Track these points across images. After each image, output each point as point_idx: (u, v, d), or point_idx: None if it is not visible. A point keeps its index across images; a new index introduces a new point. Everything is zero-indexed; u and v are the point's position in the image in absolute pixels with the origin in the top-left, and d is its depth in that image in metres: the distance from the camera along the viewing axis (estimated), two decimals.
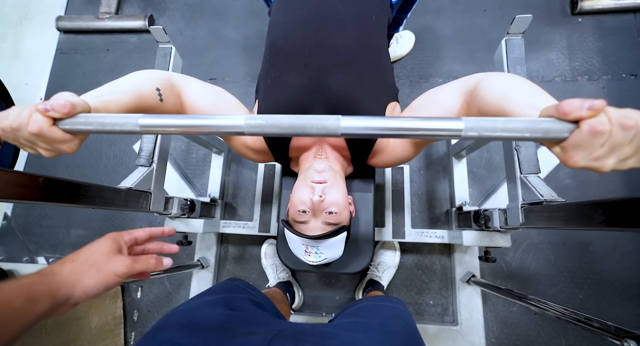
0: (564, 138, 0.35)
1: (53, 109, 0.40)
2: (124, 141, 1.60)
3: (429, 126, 0.38)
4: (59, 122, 0.41)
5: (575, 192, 1.28)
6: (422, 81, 1.49)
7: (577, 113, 0.33)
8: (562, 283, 1.21)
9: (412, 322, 0.68)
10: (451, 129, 0.37)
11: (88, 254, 0.41)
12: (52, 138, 0.41)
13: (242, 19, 1.68)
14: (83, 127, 0.41)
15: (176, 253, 0.52)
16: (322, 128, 0.39)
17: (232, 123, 0.41)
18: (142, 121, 0.41)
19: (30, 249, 1.50)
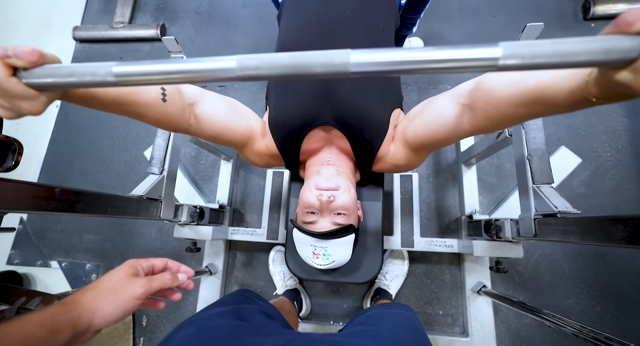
0: (634, 58, 0.28)
1: (15, 55, 0.33)
2: (135, 147, 1.63)
3: (457, 56, 0.30)
4: (21, 74, 0.34)
5: (590, 201, 1.24)
6: (430, 88, 1.48)
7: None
8: (577, 295, 1.17)
9: (422, 329, 0.67)
10: (486, 58, 0.30)
11: (107, 281, 0.42)
12: (10, 91, 0.34)
13: (251, 27, 1.71)
14: (48, 79, 0.34)
15: (191, 290, 0.52)
16: (330, 66, 0.33)
17: (223, 66, 0.34)
18: (116, 69, 0.34)
19: (44, 253, 1.54)
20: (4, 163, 0.51)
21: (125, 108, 0.51)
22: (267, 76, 0.34)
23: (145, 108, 0.53)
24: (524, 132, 0.83)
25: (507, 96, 0.47)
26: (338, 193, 0.72)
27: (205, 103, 0.67)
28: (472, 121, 0.56)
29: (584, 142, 1.31)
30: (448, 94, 0.62)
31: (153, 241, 1.47)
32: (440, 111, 0.62)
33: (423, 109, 0.68)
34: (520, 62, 0.29)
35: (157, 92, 0.55)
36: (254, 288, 1.35)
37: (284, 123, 0.76)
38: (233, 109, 0.73)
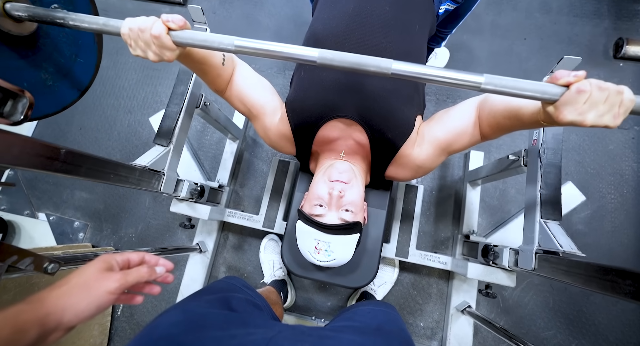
0: (556, 99, 0.46)
1: (172, 20, 0.51)
2: (140, 111, 1.59)
3: (458, 77, 0.48)
4: (172, 34, 0.51)
5: (585, 239, 1.26)
6: (449, 101, 1.45)
7: (566, 79, 0.44)
8: (556, 328, 1.19)
9: (406, 329, 0.69)
10: (474, 81, 0.48)
11: (78, 277, 0.41)
12: (164, 44, 0.51)
13: (278, 7, 1.65)
14: (188, 40, 0.52)
15: (170, 283, 0.50)
16: (378, 67, 0.50)
17: (308, 53, 0.51)
18: (237, 42, 0.51)
19: (33, 204, 1.51)
20: (12, 116, 0.48)
21: (200, 65, 0.68)
22: (336, 66, 0.51)
23: (210, 67, 0.69)
24: (540, 165, 0.82)
25: (501, 109, 0.64)
26: (348, 188, 0.72)
27: (242, 68, 0.79)
28: (481, 128, 0.71)
29: (590, 181, 1.31)
30: (470, 102, 0.73)
31: (146, 209, 1.45)
32: (466, 114, 0.72)
33: (449, 111, 0.76)
34: (493, 88, 0.48)
35: (220, 58, 0.70)
36: (242, 272, 1.35)
37: (303, 108, 0.75)
38: (261, 81, 0.81)
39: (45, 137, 1.58)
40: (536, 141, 0.83)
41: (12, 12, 0.56)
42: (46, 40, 0.67)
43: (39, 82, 0.66)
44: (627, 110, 0.44)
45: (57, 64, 0.70)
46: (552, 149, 0.80)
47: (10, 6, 0.55)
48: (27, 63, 0.64)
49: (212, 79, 0.73)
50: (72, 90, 0.76)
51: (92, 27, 0.56)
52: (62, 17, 0.56)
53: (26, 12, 0.56)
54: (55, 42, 0.68)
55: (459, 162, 1.39)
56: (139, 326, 1.32)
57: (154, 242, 1.40)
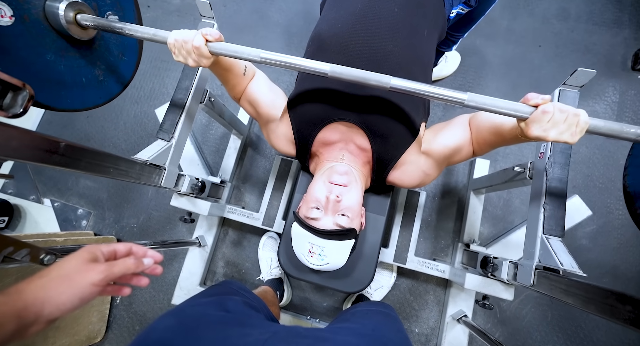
0: (526, 117, 0.54)
1: (210, 34, 0.61)
2: (147, 102, 1.59)
3: (446, 93, 0.58)
4: (209, 45, 0.61)
5: (589, 255, 1.23)
6: (457, 107, 1.42)
7: (535, 101, 0.53)
8: (553, 343, 1.18)
9: (404, 330, 0.69)
10: (459, 98, 0.57)
11: (60, 268, 0.39)
12: (202, 53, 0.61)
13: (288, 3, 1.63)
14: (222, 51, 0.62)
15: (158, 275, 0.49)
16: (379, 81, 0.58)
17: (320, 67, 0.60)
18: (263, 55, 0.61)
19: (39, 189, 1.53)
20: (12, 108, 0.48)
21: (225, 73, 0.75)
22: (344, 79, 0.60)
23: (232, 76, 0.76)
24: (545, 179, 0.80)
25: (486, 126, 0.71)
26: (346, 192, 0.71)
27: (258, 77, 0.84)
28: (472, 143, 0.76)
29: (598, 196, 1.28)
30: (464, 118, 0.78)
31: (149, 200, 1.46)
32: (464, 127, 0.76)
33: (449, 124, 0.78)
34: (475, 105, 0.57)
35: (242, 67, 0.77)
36: (239, 268, 1.35)
37: (304, 108, 0.75)
38: (273, 89, 0.84)
39: (53, 124, 1.60)
40: (543, 154, 0.81)
41: (81, 22, 0.67)
42: (101, 42, 0.78)
43: (94, 77, 0.78)
44: (583, 130, 0.53)
45: (108, 62, 0.81)
46: (559, 163, 0.78)
47: (81, 17, 0.67)
48: (86, 61, 0.75)
49: (232, 86, 0.80)
50: (117, 84, 0.86)
51: (144, 37, 0.67)
52: (120, 28, 0.68)
53: (92, 22, 0.68)
54: (107, 43, 0.80)
55: (464, 169, 1.37)
56: (137, 314, 1.34)
57: (155, 233, 1.42)
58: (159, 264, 0.49)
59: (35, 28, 0.63)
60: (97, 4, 0.74)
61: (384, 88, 0.58)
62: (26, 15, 0.61)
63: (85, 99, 0.77)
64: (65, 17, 0.65)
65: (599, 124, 0.54)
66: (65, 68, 0.70)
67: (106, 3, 0.75)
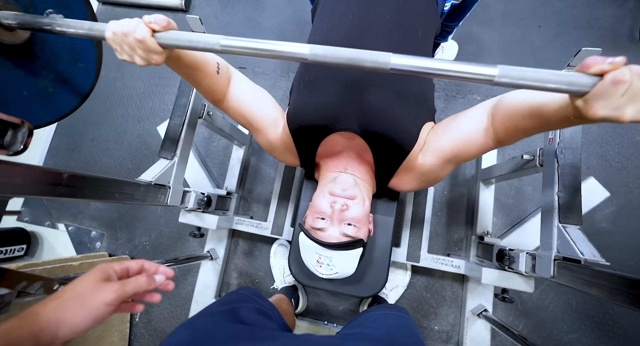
0: (586, 91, 0.39)
1: (156, 21, 0.48)
2: (149, 120, 1.61)
3: (466, 70, 0.43)
4: (157, 36, 0.49)
5: (610, 238, 1.19)
6: (458, 96, 1.40)
7: (600, 67, 0.37)
8: (581, 332, 1.14)
9: (418, 333, 0.67)
10: (486, 74, 0.42)
11: (73, 289, 0.40)
12: (149, 47, 0.49)
13: (279, 9, 1.62)
14: (174, 42, 0.49)
15: (170, 290, 0.49)
16: (375, 62, 0.45)
17: (298, 50, 0.47)
18: (223, 42, 0.48)
19: (53, 215, 1.56)
20: (12, 146, 0.49)
21: (194, 72, 0.64)
22: (329, 62, 0.47)
23: (204, 75, 0.66)
24: (557, 166, 0.77)
25: (520, 109, 0.56)
26: (352, 203, 0.70)
27: (240, 83, 0.76)
28: (494, 133, 0.63)
29: (615, 175, 1.23)
30: (478, 110, 0.66)
31: (158, 217, 1.48)
32: (475, 124, 0.65)
33: (457, 118, 0.69)
34: (509, 81, 0.41)
35: (215, 65, 0.67)
36: (253, 278, 1.35)
37: (303, 121, 0.73)
38: (259, 91, 0.78)
39: (60, 150, 1.64)
40: (552, 140, 0.78)
41: (2, 21, 0.55)
42: (43, 47, 0.65)
43: (39, 90, 0.65)
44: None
45: (57, 70, 0.68)
46: (570, 148, 0.75)
47: (1, 14, 0.54)
48: (25, 72, 0.63)
49: (206, 88, 0.70)
50: (73, 96, 0.74)
51: (79, 33, 0.54)
52: (49, 23, 0.54)
53: (15, 20, 0.55)
54: (52, 48, 0.66)
55: (471, 160, 1.34)
56: (156, 331, 1.35)
57: (167, 250, 1.43)
58: (171, 280, 0.50)
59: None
60: (31, 1, 0.60)
61: (383, 70, 0.45)
62: None
63: (33, 116, 0.65)
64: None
65: None
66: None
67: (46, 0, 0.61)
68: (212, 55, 0.67)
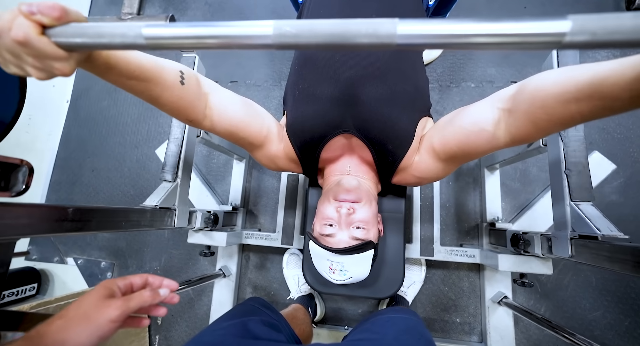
0: None
1: (40, 11, 0.31)
2: (146, 144, 1.61)
3: (516, 30, 0.27)
4: (50, 33, 0.33)
5: (622, 210, 1.17)
6: (452, 86, 1.39)
7: None
8: (604, 308, 1.12)
9: (428, 335, 0.65)
10: (552, 33, 0.26)
11: (77, 308, 0.39)
12: (42, 51, 0.32)
13: (265, 19, 1.63)
14: (77, 39, 0.33)
15: (175, 303, 0.49)
16: (375, 36, 0.30)
17: (258, 32, 0.31)
18: (146, 31, 0.31)
19: (61, 250, 1.55)
20: (14, 187, 0.49)
21: (143, 85, 0.49)
22: (306, 44, 0.31)
23: (162, 88, 0.51)
24: (562, 144, 0.77)
25: (557, 93, 0.42)
26: (358, 206, 0.69)
27: (220, 94, 0.64)
28: (511, 126, 0.51)
29: (619, 147, 1.22)
30: (486, 100, 0.58)
31: (166, 240, 1.47)
32: (477, 116, 0.57)
33: (456, 115, 0.63)
34: (591, 39, 0.26)
35: (176, 74, 0.53)
36: (268, 290, 1.34)
37: (303, 130, 0.72)
38: (249, 105, 0.70)
39: (61, 183, 1.63)
40: None
41: None
42: None
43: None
44: None
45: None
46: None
47: None
48: None
49: (171, 105, 0.55)
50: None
51: None
52: None
53: None
54: None
55: None
56: None
57: (178, 272, 1.42)
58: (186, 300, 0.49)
59: None
60: None
61: (386, 46, 0.30)
62: None
63: None
64: None
65: None
66: None
67: None
68: (169, 62, 0.53)
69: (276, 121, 0.77)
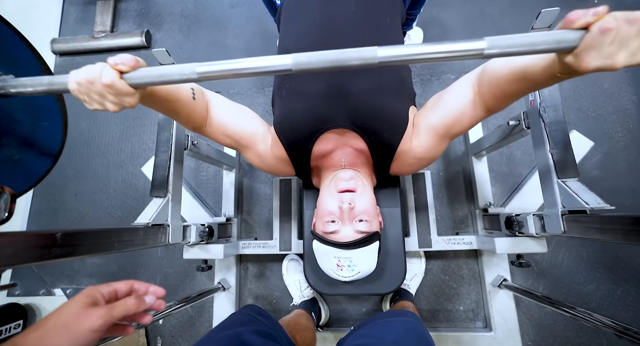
0: (575, 46, 0.39)
1: (122, 62, 0.45)
2: (131, 163, 1.56)
3: (454, 48, 0.42)
4: (126, 77, 0.46)
5: (604, 184, 1.23)
6: (433, 79, 1.43)
7: (584, 20, 0.38)
8: (597, 280, 1.16)
9: (427, 336, 0.65)
10: (475, 49, 0.42)
11: (57, 317, 0.37)
12: (120, 90, 0.45)
13: (242, 27, 1.63)
14: (146, 80, 0.46)
15: (162, 310, 0.48)
16: (361, 59, 0.44)
17: (280, 63, 0.45)
18: (199, 69, 0.45)
19: (47, 281, 1.48)
20: None
21: (170, 104, 0.61)
22: (315, 68, 0.45)
23: (181, 105, 0.63)
24: (543, 125, 0.80)
25: (504, 75, 0.57)
26: (357, 197, 0.69)
27: (217, 100, 0.74)
28: (484, 102, 0.64)
29: (594, 125, 1.28)
30: (464, 83, 0.67)
31: (160, 259, 1.42)
32: (462, 98, 0.66)
33: (443, 97, 0.70)
34: (499, 52, 0.42)
35: (189, 91, 0.65)
36: (269, 299, 1.32)
37: (292, 127, 0.73)
38: (240, 108, 0.77)
39: (42, 213, 1.56)
40: (533, 102, 0.81)
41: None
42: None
43: (4, 159, 0.60)
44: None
45: (19, 134, 0.62)
46: (551, 106, 0.77)
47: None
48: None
49: (185, 117, 0.67)
50: (43, 158, 0.69)
51: (38, 90, 0.49)
52: (1, 87, 0.49)
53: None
54: (8, 112, 0.59)
55: (459, 137, 1.36)
56: None
57: (176, 290, 1.38)
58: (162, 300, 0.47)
59: None
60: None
61: (371, 65, 0.44)
62: None
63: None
64: None
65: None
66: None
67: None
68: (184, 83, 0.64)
69: (265, 122, 0.78)
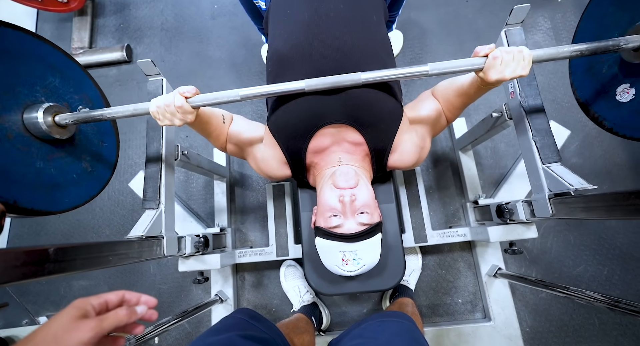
0: (482, 67, 0.63)
1: (187, 91, 0.65)
2: (116, 179, 1.52)
3: (410, 71, 0.65)
4: (189, 100, 0.66)
5: (583, 170, 1.29)
6: (416, 79, 1.47)
7: (484, 52, 0.62)
8: (585, 262, 1.21)
9: (421, 337, 0.65)
10: (422, 71, 0.65)
11: (46, 330, 0.36)
12: (186, 110, 0.65)
13: (224, 38, 1.63)
14: (203, 102, 0.66)
15: (154, 320, 0.46)
16: (351, 81, 0.65)
17: (297, 86, 0.66)
18: (242, 93, 0.66)
19: (30, 310, 1.40)
20: None
21: (207, 126, 0.78)
22: (320, 88, 0.67)
23: (213, 127, 0.80)
24: (525, 114, 0.84)
25: (451, 91, 0.78)
26: (357, 191, 0.70)
27: (236, 120, 0.87)
28: (445, 112, 0.82)
29: (569, 114, 1.35)
30: (429, 92, 0.85)
31: (153, 276, 1.38)
32: (431, 100, 0.83)
33: (419, 100, 0.84)
34: (438, 72, 0.65)
35: (220, 116, 0.82)
36: (269, 308, 1.30)
37: (287, 125, 0.74)
38: (252, 125, 0.87)
39: (22, 237, 1.49)
40: (514, 93, 0.84)
41: (61, 122, 0.69)
42: (80, 136, 0.79)
43: (83, 170, 0.79)
44: (530, 61, 0.61)
45: (91, 152, 0.83)
46: (531, 95, 0.81)
47: (59, 117, 0.69)
48: (73, 158, 0.77)
49: (216, 136, 0.83)
50: (106, 169, 0.88)
51: (126, 114, 0.71)
52: (100, 115, 0.71)
53: (71, 118, 0.70)
54: (86, 135, 0.82)
55: (445, 133, 1.41)
56: None
57: (170, 306, 1.33)
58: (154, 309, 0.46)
59: (20, 142, 0.65)
60: (68, 103, 0.77)
61: (357, 85, 0.65)
62: (9, 133, 0.62)
63: (82, 194, 0.78)
64: (45, 122, 0.67)
65: (539, 53, 0.64)
66: (56, 170, 0.71)
67: (75, 99, 0.78)
68: (218, 110, 0.82)
69: (264, 127, 0.80)
